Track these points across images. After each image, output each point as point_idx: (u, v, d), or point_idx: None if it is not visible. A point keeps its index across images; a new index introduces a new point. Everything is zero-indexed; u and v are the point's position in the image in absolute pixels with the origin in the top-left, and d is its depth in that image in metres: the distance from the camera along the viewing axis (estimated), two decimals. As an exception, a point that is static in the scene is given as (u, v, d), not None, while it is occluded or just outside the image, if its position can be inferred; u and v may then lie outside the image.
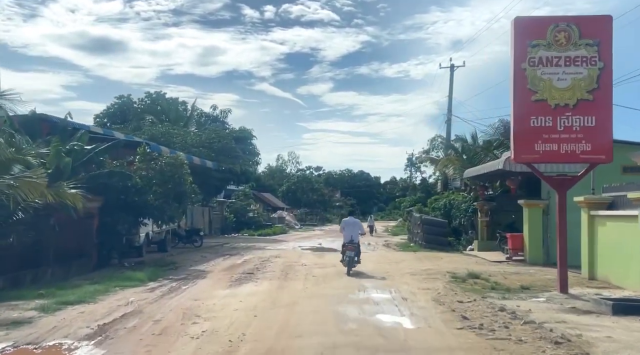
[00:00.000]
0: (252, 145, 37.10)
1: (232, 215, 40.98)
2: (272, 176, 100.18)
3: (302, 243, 30.52)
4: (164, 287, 12.97)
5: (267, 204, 65.30)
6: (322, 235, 42.84)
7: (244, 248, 25.69)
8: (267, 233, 39.92)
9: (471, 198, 24.84)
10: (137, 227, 18.79)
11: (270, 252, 23.10)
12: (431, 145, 53.16)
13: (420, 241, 26.02)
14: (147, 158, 17.55)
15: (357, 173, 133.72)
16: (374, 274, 15.59)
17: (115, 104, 35.20)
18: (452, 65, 37.69)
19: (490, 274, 15.03)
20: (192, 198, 18.26)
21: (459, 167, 34.30)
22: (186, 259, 20.08)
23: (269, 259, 19.84)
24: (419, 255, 21.40)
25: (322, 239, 35.91)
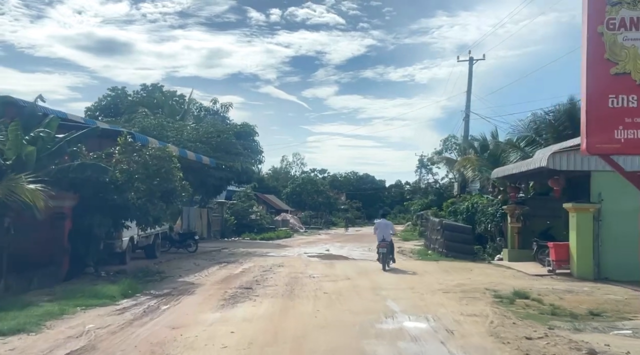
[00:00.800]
0: (255, 143, 34.44)
1: (233, 217, 38.35)
2: (276, 178, 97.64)
3: (308, 249, 27.84)
4: (139, 308, 10.30)
5: (271, 206, 62.65)
6: (329, 239, 40.15)
7: (243, 254, 23.02)
8: (270, 237, 37.24)
9: (499, 201, 22.09)
10: (118, 230, 16.16)
11: (273, 260, 20.43)
12: (444, 146, 50.56)
13: (441, 249, 23.29)
14: (129, 149, 14.91)
15: (363, 176, 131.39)
16: (399, 289, 12.89)
17: (108, 97, 32.63)
18: (471, 58, 35.03)
19: (539, 293, 12.30)
20: (183, 197, 15.64)
21: (478, 168, 31.66)
22: (176, 268, 17.43)
23: (271, 269, 17.16)
24: (444, 266, 18.67)
25: (329, 244, 33.20)
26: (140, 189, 14.78)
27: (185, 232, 24.04)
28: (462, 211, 25.26)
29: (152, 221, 15.02)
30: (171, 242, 22.80)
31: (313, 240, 38.86)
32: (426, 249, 27.22)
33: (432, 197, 50.46)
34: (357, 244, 32.54)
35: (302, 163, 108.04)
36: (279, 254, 23.94)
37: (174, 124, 27.04)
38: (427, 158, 51.58)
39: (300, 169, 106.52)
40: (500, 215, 21.70)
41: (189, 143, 24.99)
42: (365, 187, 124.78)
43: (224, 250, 24.99)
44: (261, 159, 34.92)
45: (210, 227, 34.91)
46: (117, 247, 16.61)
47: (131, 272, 15.42)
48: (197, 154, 23.01)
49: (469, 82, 34.91)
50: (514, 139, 23.98)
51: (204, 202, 35.07)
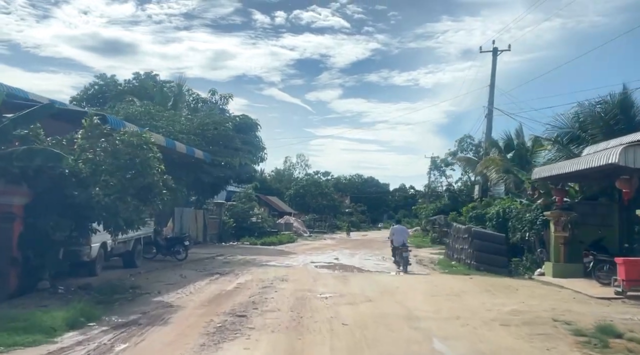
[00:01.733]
0: (257, 138, 31.34)
1: (232, 220, 35.23)
2: (279, 179, 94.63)
3: (315, 257, 24.71)
4: (82, 350, 7.21)
5: (273, 208, 59.59)
6: (336, 245, 37.00)
7: (240, 263, 19.93)
8: (272, 242, 34.11)
9: (539, 206, 18.92)
10: (85, 235, 13.12)
11: (275, 271, 17.31)
12: (459, 147, 47.50)
13: (468, 260, 20.16)
14: (95, 133, 11.84)
15: (368, 179, 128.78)
16: (441, 318, 9.76)
17: (95, 85, 29.59)
18: (495, 49, 31.88)
19: (629, 328, 9.17)
20: (164, 195, 12.58)
21: (503, 169, 28.56)
22: (156, 281, 14.33)
23: (272, 284, 14.03)
24: (480, 283, 15.51)
25: (336, 251, 30.07)
26: (110, 183, 11.70)
27: (175, 236, 20.92)
28: (491, 217, 22.08)
29: (123, 224, 11.90)
30: (157, 247, 19.72)
31: (319, 245, 35.72)
32: (448, 259, 24.08)
33: (446, 201, 47.36)
34: (368, 252, 29.40)
35: (307, 165, 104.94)
36: (282, 263, 20.83)
37: (165, 112, 23.94)
38: (440, 159, 48.38)
39: (304, 170, 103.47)
40: (541, 222, 18.53)
41: (180, 135, 21.94)
42: (370, 191, 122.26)
43: (219, 258, 21.88)
44: (263, 156, 31.79)
45: (207, 231, 31.81)
46: (83, 255, 13.56)
47: (98, 287, 12.35)
48: (188, 147, 19.92)
49: (492, 75, 31.77)
50: (563, 135, 20.71)
51: (200, 202, 32.00)
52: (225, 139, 24.69)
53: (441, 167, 47.75)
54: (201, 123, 24.20)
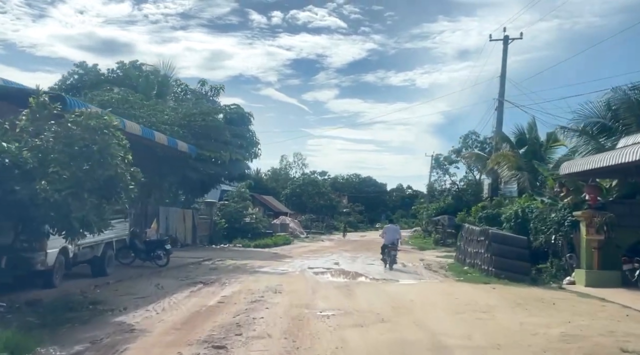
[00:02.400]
0: (250, 132, 29.09)
1: (224, 220, 32.96)
2: (275, 179, 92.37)
3: (312, 261, 22.52)
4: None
5: (269, 208, 57.38)
6: (335, 247, 34.80)
7: (230, 269, 17.71)
8: (267, 244, 31.89)
9: (566, 205, 16.74)
10: (37, 239, 10.92)
11: (268, 280, 15.09)
12: (463, 144, 45.39)
13: (485, 265, 17.98)
14: (43, 115, 9.59)
15: (365, 178, 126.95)
16: (477, 348, 7.57)
17: (75, 74, 27.28)
18: (507, 37, 29.69)
19: None
20: (131, 190, 10.36)
21: (516, 165, 26.46)
22: (126, 293, 12.12)
23: (263, 298, 11.81)
24: (505, 294, 13.33)
25: (336, 253, 27.90)
26: (61, 176, 9.44)
27: (155, 239, 18.66)
28: (508, 217, 19.91)
29: (78, 226, 9.64)
30: (135, 252, 17.47)
31: (316, 248, 33.51)
32: (459, 263, 21.91)
33: (450, 201, 45.21)
34: (370, 255, 27.20)
35: (304, 164, 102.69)
36: (276, 268, 18.61)
37: (146, 101, 21.60)
38: (443, 157, 46.19)
39: (301, 169, 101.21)
40: (569, 223, 16.36)
41: (163, 126, 19.65)
42: (368, 190, 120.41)
43: (206, 263, 19.66)
44: (257, 152, 29.56)
45: (196, 232, 29.56)
46: (37, 264, 11.33)
47: (51, 303, 10.17)
48: (170, 138, 17.63)
49: (502, 65, 29.63)
50: (580, 125, 18.57)
51: (189, 202, 29.77)
52: (214, 131, 22.38)
53: (444, 165, 45.59)
54: (187, 113, 21.85)
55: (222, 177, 29.65)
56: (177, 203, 28.74)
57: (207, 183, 28.65)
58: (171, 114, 21.39)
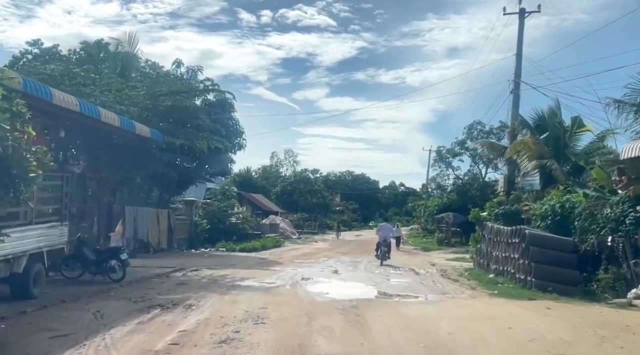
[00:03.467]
0: (234, 120, 25.47)
1: (205, 221, 29.28)
2: (265, 177, 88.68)
3: (306, 268, 18.97)
4: None
5: (257, 207, 53.70)
6: (330, 249, 31.29)
7: (203, 284, 14.06)
8: (254, 247, 28.27)
9: (626, 198, 13.28)
10: None
11: (249, 300, 11.48)
12: (468, 135, 41.98)
13: (522, 274, 14.51)
14: None
15: (358, 175, 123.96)
16: None
17: (28, 54, 23.30)
18: (522, 10, 26.21)
19: None
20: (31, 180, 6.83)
21: (537, 154, 23.05)
22: (43, 328, 8.47)
23: (238, 333, 8.19)
24: (571, 318, 9.83)
25: (332, 258, 24.37)
26: None
27: (109, 247, 14.87)
28: (543, 214, 16.41)
29: None
30: (83, 263, 13.77)
31: (310, 250, 29.93)
32: (482, 270, 18.45)
33: (453, 196, 41.81)
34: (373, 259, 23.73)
35: (295, 161, 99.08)
36: (262, 280, 14.99)
37: (97, 75, 17.66)
38: (445, 150, 42.73)
39: (292, 167, 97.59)
40: (633, 221, 12.88)
41: (119, 106, 15.82)
42: (361, 188, 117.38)
43: (176, 274, 15.99)
44: (241, 142, 25.92)
45: (173, 235, 25.85)
46: None
47: None
48: (123, 118, 13.80)
49: (518, 42, 26.09)
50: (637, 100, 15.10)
51: (164, 200, 26.08)
52: (186, 114, 18.61)
53: (448, 158, 42.14)
54: (152, 93, 17.97)
55: (202, 171, 26.01)
56: (150, 202, 25.02)
57: (185, 178, 24.98)
58: (130, 93, 17.51)
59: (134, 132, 13.67)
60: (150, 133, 14.64)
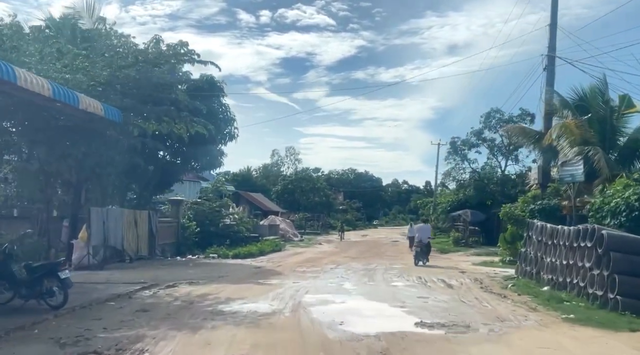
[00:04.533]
0: (224, 107, 21.91)
1: (194, 223, 25.69)
2: (265, 175, 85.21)
3: (310, 281, 15.36)
4: None
5: (256, 207, 50.15)
6: (336, 253, 27.77)
7: (171, 311, 10.43)
8: (250, 252, 24.69)
9: None
10: None
11: (232, 339, 7.91)
12: (485, 123, 38.32)
13: (596, 289, 10.92)
14: None
15: (362, 173, 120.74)
16: None
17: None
18: (557, -28, 22.70)
19: None
20: None
21: (580, 139, 19.59)
22: None
23: None
24: None
25: (341, 265, 20.81)
26: None
27: (42, 263, 11.12)
28: (615, 210, 12.85)
29: None
30: (12, 285, 10.17)
31: (314, 255, 26.34)
32: (529, 280, 14.82)
33: (470, 192, 38.15)
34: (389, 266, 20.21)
35: (297, 159, 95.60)
36: (254, 303, 11.38)
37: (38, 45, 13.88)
38: (460, 141, 39.08)
39: (294, 165, 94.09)
40: None
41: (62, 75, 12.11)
42: (365, 186, 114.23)
43: (142, 294, 12.37)
44: (232, 131, 22.34)
45: (155, 240, 22.24)
46: None
47: None
48: (58, 87, 9.93)
49: (552, 10, 22.53)
50: None
51: (145, 200, 22.50)
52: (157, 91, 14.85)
53: (463, 150, 38.51)
54: (110, 60, 14.11)
55: (187, 165, 22.44)
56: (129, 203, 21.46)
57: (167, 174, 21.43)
58: (84, 64, 13.73)
59: (76, 106, 10.06)
60: (104, 110, 11.00)
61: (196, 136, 18.29)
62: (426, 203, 62.69)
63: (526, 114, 35.74)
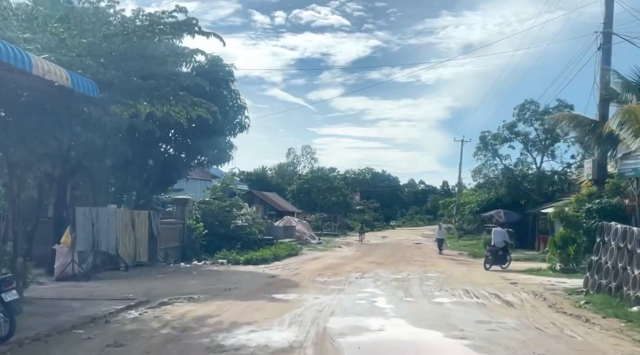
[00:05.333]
0: (234, 93, 19.40)
1: (202, 225, 23.14)
2: (281, 175, 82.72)
3: (334, 295, 12.67)
4: None
5: (271, 207, 47.56)
6: (359, 258, 25.08)
7: (156, 344, 7.80)
8: (263, 257, 22.05)
9: None
10: None
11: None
12: (519, 116, 35.32)
13: None
14: None
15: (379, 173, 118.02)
16: None
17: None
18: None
19: None
20: None
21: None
22: None
23: None
24: None
25: (367, 274, 18.13)
26: None
27: None
28: None
29: None
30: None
31: (334, 261, 23.62)
32: (608, 296, 11.96)
33: (503, 190, 35.13)
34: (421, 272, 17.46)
35: (313, 158, 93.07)
36: (265, 329, 8.72)
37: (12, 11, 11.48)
38: (490, 135, 36.06)
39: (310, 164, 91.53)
40: None
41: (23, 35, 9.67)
42: (382, 186, 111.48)
43: (123, 318, 9.75)
44: (243, 121, 19.79)
45: (157, 244, 19.74)
46: None
47: None
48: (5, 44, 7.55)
49: (608, -19, 19.66)
50: None
51: (145, 199, 19.99)
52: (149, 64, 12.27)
53: (494, 144, 35.47)
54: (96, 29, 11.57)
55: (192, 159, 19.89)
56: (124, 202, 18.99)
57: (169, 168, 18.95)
58: (58, 29, 11.17)
59: (28, 70, 7.56)
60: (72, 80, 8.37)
61: (201, 125, 15.72)
62: (448, 203, 59.71)
63: (564, 106, 32.74)
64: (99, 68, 10.58)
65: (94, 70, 10.29)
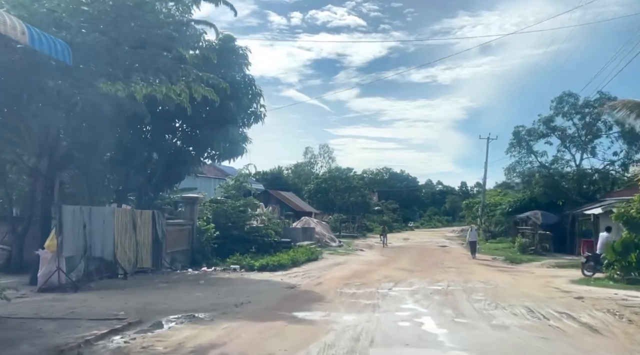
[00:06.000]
0: (248, 78, 17.28)
1: (213, 226, 20.99)
2: (297, 174, 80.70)
3: (369, 314, 10.37)
4: None
5: (288, 207, 45.34)
6: (385, 263, 22.81)
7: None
8: (280, 263, 19.79)
9: None
10: None
11: None
12: (556, 110, 32.67)
13: None
14: None
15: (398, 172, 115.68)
16: None
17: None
18: None
19: None
20: None
21: None
22: None
23: None
24: None
25: (397, 280, 15.82)
26: None
27: None
28: None
29: None
30: None
31: (359, 267, 21.31)
32: None
33: (538, 189, 32.46)
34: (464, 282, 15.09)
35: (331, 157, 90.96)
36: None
37: None
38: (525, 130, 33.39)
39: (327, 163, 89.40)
40: None
41: None
42: (400, 186, 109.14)
43: (108, 344, 7.55)
44: (258, 111, 17.62)
45: (162, 248, 17.62)
46: None
47: None
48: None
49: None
50: None
51: (147, 196, 17.88)
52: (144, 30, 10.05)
53: (529, 140, 32.82)
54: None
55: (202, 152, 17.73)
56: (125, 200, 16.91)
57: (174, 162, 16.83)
58: None
59: None
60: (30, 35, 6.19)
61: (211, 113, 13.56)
62: (472, 204, 57.03)
63: (606, 98, 30.03)
64: (79, 30, 8.42)
65: (72, 31, 8.14)
